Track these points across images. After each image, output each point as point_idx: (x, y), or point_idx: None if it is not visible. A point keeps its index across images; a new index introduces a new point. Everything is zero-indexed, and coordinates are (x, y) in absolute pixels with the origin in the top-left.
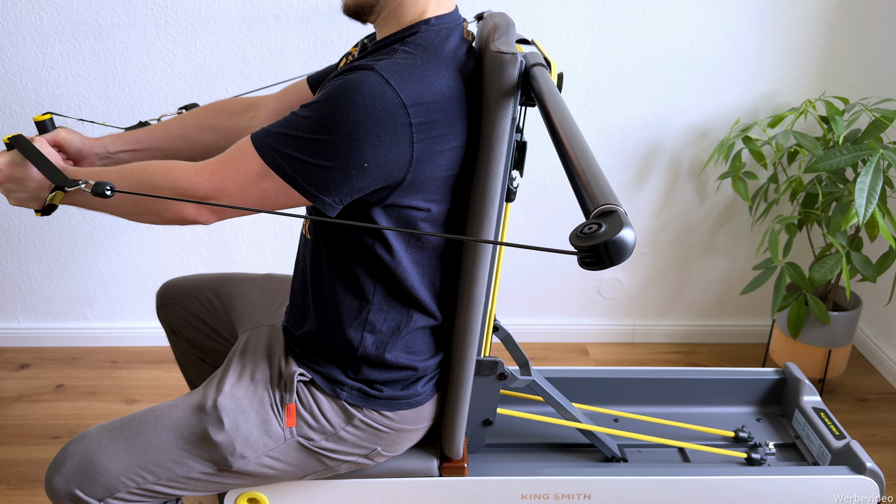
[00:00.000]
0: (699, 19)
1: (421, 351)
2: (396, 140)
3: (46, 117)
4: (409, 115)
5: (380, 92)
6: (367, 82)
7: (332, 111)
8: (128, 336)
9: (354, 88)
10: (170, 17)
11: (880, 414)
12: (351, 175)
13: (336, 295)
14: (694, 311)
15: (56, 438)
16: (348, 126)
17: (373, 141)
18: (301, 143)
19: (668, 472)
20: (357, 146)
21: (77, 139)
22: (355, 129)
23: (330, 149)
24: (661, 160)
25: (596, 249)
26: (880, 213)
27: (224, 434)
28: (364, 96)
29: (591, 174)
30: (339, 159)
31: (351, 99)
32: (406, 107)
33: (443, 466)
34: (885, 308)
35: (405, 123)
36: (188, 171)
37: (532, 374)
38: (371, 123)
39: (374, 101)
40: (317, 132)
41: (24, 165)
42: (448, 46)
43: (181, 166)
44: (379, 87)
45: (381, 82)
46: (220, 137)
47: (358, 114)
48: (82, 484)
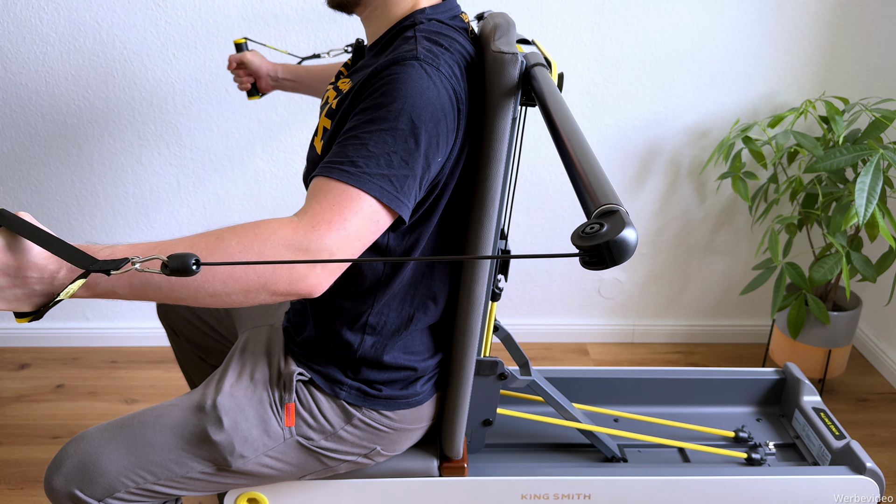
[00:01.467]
0: (699, 19)
1: (420, 351)
2: (454, 129)
3: (242, 40)
4: (458, 102)
5: (437, 82)
6: (424, 76)
7: (411, 116)
8: (128, 336)
9: (419, 86)
10: (170, 17)
11: (880, 414)
12: (431, 173)
13: (335, 298)
14: (694, 311)
15: (56, 438)
16: (424, 125)
17: (446, 135)
18: (391, 158)
19: (668, 473)
20: (438, 142)
21: (258, 60)
22: (432, 125)
23: (413, 155)
24: (661, 160)
25: (598, 249)
26: (880, 213)
27: (223, 434)
28: (429, 92)
29: (593, 174)
30: (426, 163)
31: (422, 99)
32: (457, 94)
33: (443, 466)
34: (884, 308)
35: (459, 111)
36: (291, 227)
37: (532, 374)
38: (442, 117)
39: (440, 94)
40: (406, 140)
41: (20, 250)
42: (456, 38)
43: (276, 224)
44: (437, 80)
45: (436, 73)
46: None
47: (433, 112)
48: (82, 484)
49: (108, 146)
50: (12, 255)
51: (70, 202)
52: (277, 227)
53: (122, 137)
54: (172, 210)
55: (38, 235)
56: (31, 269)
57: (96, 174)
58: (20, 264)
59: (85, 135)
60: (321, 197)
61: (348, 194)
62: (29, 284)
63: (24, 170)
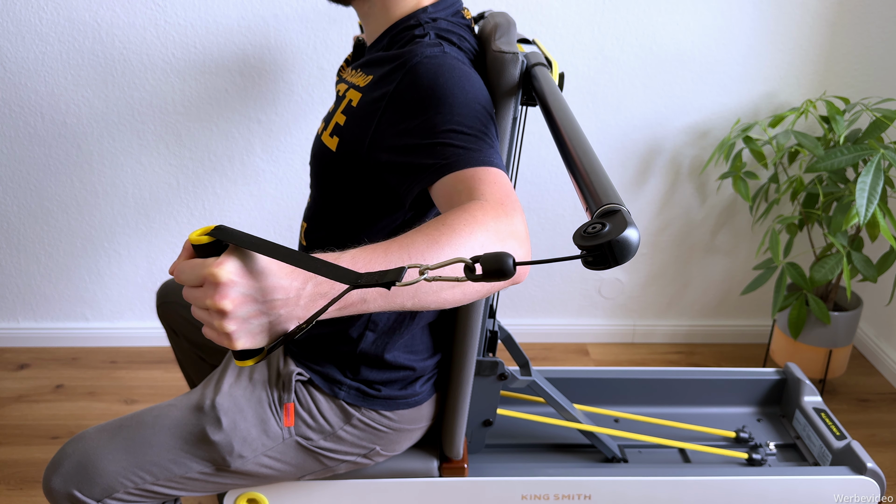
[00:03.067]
0: (700, 19)
1: (420, 350)
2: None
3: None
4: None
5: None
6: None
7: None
8: (127, 336)
9: (460, 72)
10: (169, 17)
11: (881, 414)
12: None
13: None
14: (694, 312)
15: (55, 439)
16: (487, 103)
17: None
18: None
19: (668, 473)
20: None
21: None
22: (490, 105)
23: (493, 127)
24: (661, 160)
25: (600, 249)
26: (881, 213)
27: (222, 434)
28: (470, 74)
29: (594, 174)
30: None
31: (465, 81)
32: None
33: (443, 467)
34: (885, 308)
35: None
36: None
37: (532, 374)
38: (487, 96)
39: (477, 78)
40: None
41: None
42: (464, 35)
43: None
44: (464, 65)
45: (462, 61)
46: None
47: (483, 95)
48: (80, 484)
49: (108, 146)
50: (257, 277)
51: (70, 202)
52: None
53: (121, 137)
54: (172, 210)
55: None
56: (277, 289)
57: (96, 174)
58: (264, 285)
59: (84, 135)
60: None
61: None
62: (275, 310)
63: (24, 170)
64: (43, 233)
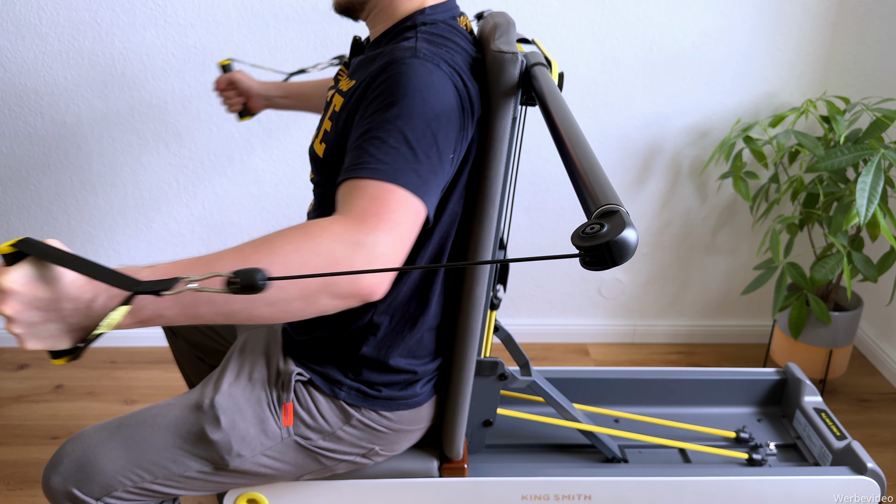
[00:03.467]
0: (700, 19)
1: (422, 355)
2: (463, 126)
3: (228, 62)
4: (463, 101)
5: (437, 77)
6: (423, 70)
7: (415, 110)
8: (127, 336)
9: (423, 80)
10: (169, 17)
11: (881, 414)
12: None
13: None
14: (695, 312)
15: (55, 439)
16: (437, 119)
17: (456, 129)
18: (414, 152)
19: (668, 473)
20: (448, 137)
21: (248, 80)
22: (445, 120)
23: (432, 149)
24: (661, 160)
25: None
26: (881, 213)
27: (221, 433)
28: (434, 84)
29: (593, 174)
30: (439, 156)
31: (425, 90)
32: (460, 91)
33: (443, 467)
34: (886, 308)
35: (463, 109)
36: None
37: (532, 374)
38: (450, 111)
39: (445, 89)
40: (422, 137)
41: (52, 279)
42: (456, 39)
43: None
44: (449, 74)
45: (430, 69)
46: None
47: (438, 105)
48: (79, 483)
49: (108, 146)
50: (43, 287)
51: (69, 202)
52: (327, 224)
53: (121, 137)
54: (172, 210)
55: (70, 260)
56: (64, 299)
57: (96, 174)
58: (53, 296)
59: (84, 135)
60: (359, 194)
61: (385, 188)
62: (64, 318)
63: (24, 170)
64: (43, 233)
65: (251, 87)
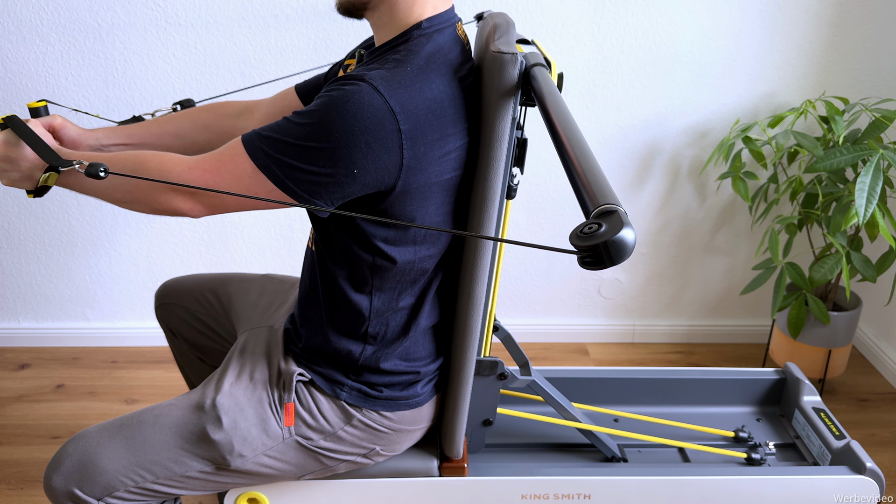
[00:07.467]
0: (699, 19)
1: (422, 356)
2: (386, 147)
3: (41, 104)
4: (397, 122)
5: (368, 100)
6: (357, 91)
7: (323, 119)
8: (128, 336)
9: (345, 98)
10: (170, 17)
11: (880, 414)
12: (342, 181)
13: (338, 306)
14: (694, 311)
15: (56, 438)
16: (339, 133)
17: (362, 148)
18: (293, 148)
19: (668, 473)
20: (348, 153)
21: (71, 128)
22: (346, 136)
23: (321, 156)
24: (661, 160)
25: (596, 249)
26: (880, 213)
27: (222, 433)
28: (354, 104)
29: (592, 174)
30: (331, 165)
31: (342, 108)
32: (395, 113)
33: (443, 466)
34: (885, 308)
35: (394, 130)
36: (181, 165)
37: (532, 374)
38: (360, 130)
39: (364, 108)
40: (309, 139)
41: (18, 145)
42: (440, 50)
43: (175, 159)
44: (368, 95)
45: (370, 90)
46: (213, 137)
47: (349, 122)
48: (81, 483)
49: None
50: (12, 149)
51: (70, 202)
52: (179, 161)
53: None
54: None
55: (32, 139)
56: (23, 160)
57: None
58: (17, 156)
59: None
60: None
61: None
62: (23, 171)
63: None
64: (43, 233)
65: (76, 136)
